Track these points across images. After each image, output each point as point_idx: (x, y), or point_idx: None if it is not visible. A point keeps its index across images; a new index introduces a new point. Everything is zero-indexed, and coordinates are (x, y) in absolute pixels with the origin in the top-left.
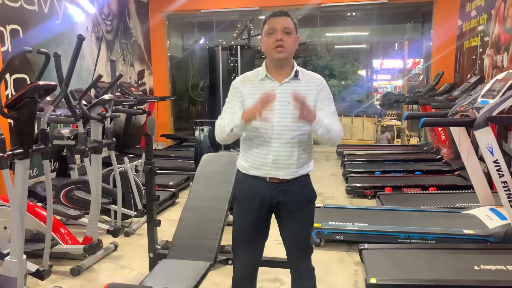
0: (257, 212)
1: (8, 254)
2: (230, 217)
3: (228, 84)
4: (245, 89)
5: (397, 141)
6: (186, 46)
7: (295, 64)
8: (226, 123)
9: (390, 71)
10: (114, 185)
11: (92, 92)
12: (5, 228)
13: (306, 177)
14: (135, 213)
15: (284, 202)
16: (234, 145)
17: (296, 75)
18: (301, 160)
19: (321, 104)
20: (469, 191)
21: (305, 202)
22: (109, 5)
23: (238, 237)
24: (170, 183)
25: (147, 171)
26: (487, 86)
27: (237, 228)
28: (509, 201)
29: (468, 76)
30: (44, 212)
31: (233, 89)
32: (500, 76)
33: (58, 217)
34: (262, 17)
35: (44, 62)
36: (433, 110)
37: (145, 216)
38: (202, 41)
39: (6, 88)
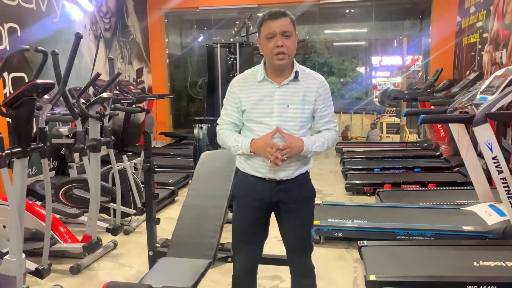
0: (257, 211)
1: (7, 253)
2: (230, 215)
3: (227, 81)
4: (242, 93)
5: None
6: (185, 43)
7: (295, 63)
8: (230, 143)
9: (389, 68)
10: (113, 183)
11: (91, 90)
12: (4, 227)
13: (306, 175)
14: (134, 211)
15: (284, 200)
16: None
17: (296, 77)
18: (300, 161)
19: (321, 109)
20: (468, 187)
21: (304, 200)
22: (107, 3)
23: (237, 235)
24: (169, 181)
25: (146, 169)
26: (486, 82)
27: (237, 226)
28: (508, 197)
29: (467, 72)
30: (43, 211)
31: (230, 93)
32: (499, 72)
33: (57, 216)
34: (261, 14)
35: (42, 60)
36: (432, 107)
37: (144, 214)
38: (200, 38)
39: (4, 86)
